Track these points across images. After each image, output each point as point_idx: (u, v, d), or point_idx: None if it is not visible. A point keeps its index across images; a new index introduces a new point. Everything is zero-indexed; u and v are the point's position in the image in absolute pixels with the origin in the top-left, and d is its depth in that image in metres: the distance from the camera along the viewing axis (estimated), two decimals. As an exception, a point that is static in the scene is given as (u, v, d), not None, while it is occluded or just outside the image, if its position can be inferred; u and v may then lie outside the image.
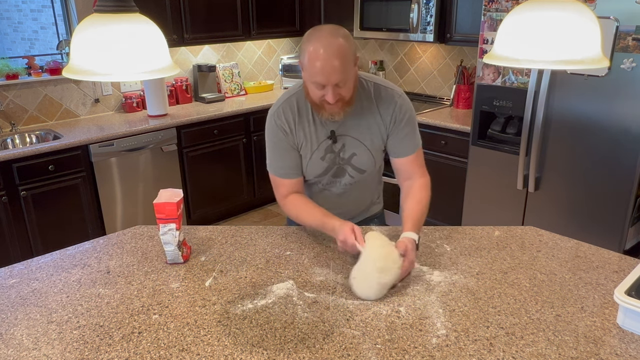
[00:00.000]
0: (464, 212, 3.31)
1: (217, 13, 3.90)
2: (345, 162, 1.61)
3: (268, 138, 1.60)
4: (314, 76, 1.38)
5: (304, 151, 1.59)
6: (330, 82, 1.37)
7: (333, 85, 1.38)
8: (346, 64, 1.36)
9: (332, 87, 1.38)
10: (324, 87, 1.39)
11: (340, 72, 1.36)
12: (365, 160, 1.61)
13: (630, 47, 2.39)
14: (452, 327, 1.20)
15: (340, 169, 1.63)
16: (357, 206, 1.77)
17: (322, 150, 1.58)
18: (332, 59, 1.34)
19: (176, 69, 1.14)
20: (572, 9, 1.14)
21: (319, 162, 1.60)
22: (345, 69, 1.37)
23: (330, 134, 1.56)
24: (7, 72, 3.31)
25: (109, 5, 1.05)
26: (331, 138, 1.57)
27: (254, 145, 4.08)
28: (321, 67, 1.35)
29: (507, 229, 1.71)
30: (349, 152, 1.59)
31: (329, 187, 1.68)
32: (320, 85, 1.39)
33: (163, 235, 1.44)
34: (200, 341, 1.16)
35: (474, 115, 3.11)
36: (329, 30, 1.38)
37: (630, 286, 1.20)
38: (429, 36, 3.55)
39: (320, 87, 1.40)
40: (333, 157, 1.60)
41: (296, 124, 1.56)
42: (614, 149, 2.56)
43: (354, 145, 1.59)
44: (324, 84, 1.38)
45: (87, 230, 3.28)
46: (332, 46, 1.34)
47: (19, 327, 1.22)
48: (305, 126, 1.56)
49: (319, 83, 1.38)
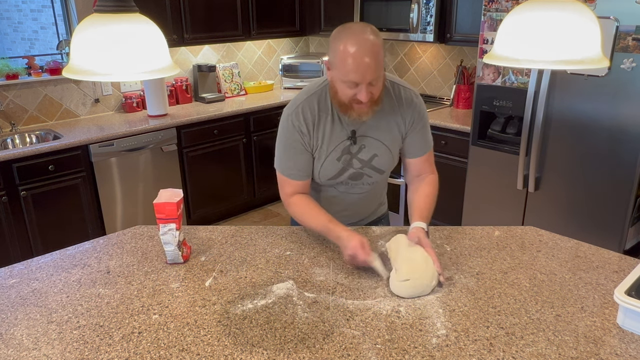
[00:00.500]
0: (464, 212, 3.31)
1: (217, 13, 3.90)
2: (365, 164, 1.58)
3: (281, 136, 1.56)
4: (347, 74, 1.35)
5: (320, 152, 1.56)
6: (365, 80, 1.34)
7: (367, 83, 1.35)
8: (379, 62, 1.35)
9: (366, 85, 1.35)
10: (356, 85, 1.36)
11: (374, 70, 1.34)
12: (385, 161, 1.60)
13: (630, 47, 2.39)
14: (452, 327, 1.20)
15: (358, 173, 1.60)
16: (368, 208, 1.77)
17: (339, 151, 1.55)
18: (366, 56, 1.32)
19: (176, 69, 1.14)
20: (572, 9, 1.14)
21: (334, 163, 1.57)
22: (378, 66, 1.35)
23: (351, 134, 1.53)
24: (7, 72, 3.31)
25: (109, 5, 1.05)
26: (351, 139, 1.54)
27: (254, 145, 4.08)
28: (356, 65, 1.32)
29: (507, 229, 1.71)
30: (369, 154, 1.57)
31: (348, 190, 1.66)
32: (353, 84, 1.36)
33: (163, 235, 1.44)
34: (200, 341, 1.16)
35: (474, 115, 3.11)
36: (361, 27, 1.35)
37: (630, 286, 1.20)
38: (429, 36, 3.55)
39: (353, 86, 1.36)
40: (349, 158, 1.57)
41: (315, 125, 1.52)
42: (614, 149, 2.56)
43: (375, 146, 1.56)
44: (358, 82, 1.35)
45: (87, 230, 3.28)
46: (366, 44, 1.32)
47: (19, 327, 1.22)
48: (324, 127, 1.53)
49: (352, 81, 1.35)
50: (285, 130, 1.55)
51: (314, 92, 1.54)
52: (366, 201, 1.73)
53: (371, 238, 1.63)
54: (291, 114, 1.54)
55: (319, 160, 1.57)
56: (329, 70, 1.43)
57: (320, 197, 1.70)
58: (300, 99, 1.55)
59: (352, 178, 1.62)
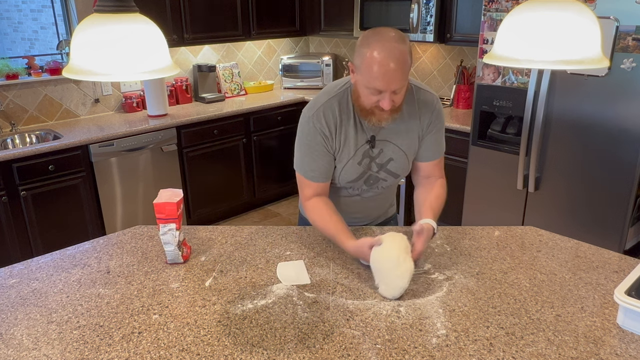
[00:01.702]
0: (464, 212, 3.31)
1: (217, 13, 3.90)
2: (381, 167, 1.58)
3: (302, 138, 1.54)
4: (372, 81, 1.33)
5: (342, 155, 1.54)
6: (390, 88, 1.33)
7: (391, 92, 1.34)
8: (405, 71, 1.33)
9: (390, 93, 1.34)
10: (380, 93, 1.35)
11: (400, 80, 1.33)
12: (401, 165, 1.60)
13: (630, 47, 2.39)
14: (452, 327, 1.20)
15: (374, 177, 1.61)
16: (379, 210, 1.77)
17: (360, 155, 1.55)
18: (393, 65, 1.30)
19: (176, 69, 1.14)
20: (572, 9, 1.14)
21: (355, 167, 1.56)
22: (404, 75, 1.33)
23: (370, 138, 1.53)
24: (7, 72, 3.31)
25: (109, 5, 1.05)
26: (370, 142, 1.53)
27: (254, 145, 4.08)
28: (382, 73, 1.30)
29: (507, 229, 1.71)
30: (385, 158, 1.57)
31: (363, 193, 1.66)
32: (377, 91, 1.34)
33: (163, 235, 1.44)
34: (200, 341, 1.16)
35: (474, 115, 3.11)
36: (392, 35, 1.33)
37: (630, 286, 1.20)
38: (429, 36, 3.55)
39: (376, 93, 1.35)
40: (369, 162, 1.57)
41: (337, 127, 1.50)
42: (614, 149, 2.56)
43: (392, 151, 1.56)
44: (382, 90, 1.34)
45: (87, 230, 3.28)
46: (394, 52, 1.30)
47: (19, 327, 1.22)
48: (346, 130, 1.51)
49: (376, 89, 1.34)
50: (306, 132, 1.53)
51: (334, 95, 1.52)
52: (378, 204, 1.73)
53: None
54: (312, 116, 1.51)
55: (340, 163, 1.56)
56: (352, 73, 1.42)
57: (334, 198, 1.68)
58: (321, 100, 1.52)
59: (369, 181, 1.62)
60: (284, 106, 4.17)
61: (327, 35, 4.52)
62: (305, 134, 1.53)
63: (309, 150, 1.53)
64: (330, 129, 1.50)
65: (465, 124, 3.28)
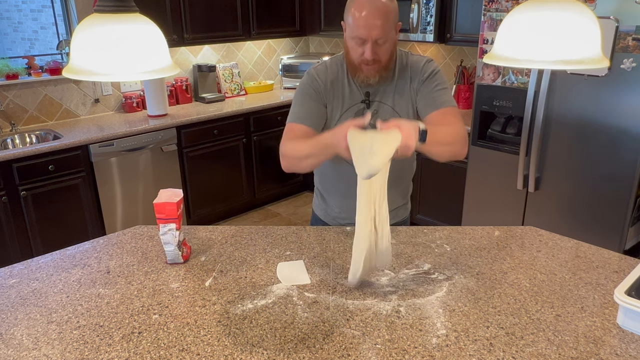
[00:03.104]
0: (464, 212, 3.31)
1: (217, 13, 3.90)
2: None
3: (298, 91, 1.63)
4: (355, 30, 1.43)
5: (334, 111, 1.61)
6: (371, 36, 1.41)
7: (373, 41, 1.42)
8: (388, 23, 1.42)
9: (372, 43, 1.42)
10: (363, 42, 1.43)
11: (381, 29, 1.41)
12: None
13: (630, 47, 2.39)
14: (452, 327, 1.20)
15: None
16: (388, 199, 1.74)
17: (353, 112, 1.61)
18: (375, 14, 1.40)
19: (176, 69, 1.14)
20: (572, 9, 1.14)
21: None
22: (386, 27, 1.42)
23: (365, 95, 1.59)
24: (7, 72, 3.31)
25: (109, 5, 1.05)
26: (365, 101, 1.59)
27: (254, 146, 4.08)
28: (364, 21, 1.40)
29: (507, 229, 1.71)
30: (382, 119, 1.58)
31: None
32: (360, 40, 1.43)
33: (163, 235, 1.44)
34: (200, 341, 1.16)
35: (474, 115, 3.11)
36: None
37: (630, 286, 1.20)
38: (429, 36, 3.55)
39: (360, 43, 1.44)
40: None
41: (332, 81, 1.60)
42: (614, 149, 2.56)
43: (387, 112, 1.60)
44: (364, 39, 1.42)
45: (87, 230, 3.28)
46: (377, 3, 1.41)
47: (19, 327, 1.22)
48: (339, 87, 1.60)
49: (359, 37, 1.43)
50: (303, 83, 1.64)
51: (335, 57, 1.65)
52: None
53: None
54: (310, 71, 1.64)
55: (334, 119, 1.62)
56: (344, 32, 1.51)
57: (331, 182, 1.74)
58: (322, 62, 1.65)
59: None
60: (284, 106, 4.17)
61: (327, 35, 4.52)
62: (300, 86, 1.64)
63: (301, 98, 1.63)
64: (321, 78, 1.60)
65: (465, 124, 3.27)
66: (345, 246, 1.58)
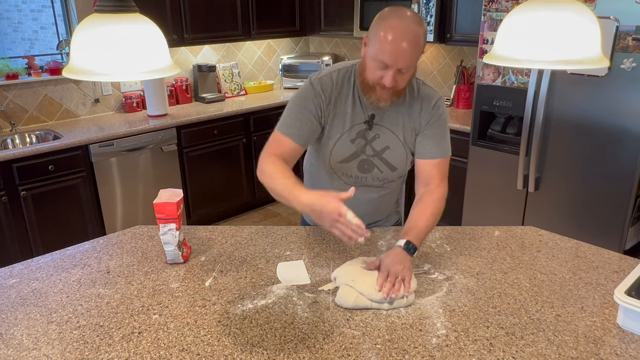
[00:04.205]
0: (464, 212, 3.31)
1: (217, 13, 3.90)
2: (377, 154, 1.56)
3: (295, 99, 1.54)
4: (380, 53, 1.34)
5: (334, 130, 1.53)
6: (397, 65, 1.34)
7: (396, 69, 1.35)
8: (416, 52, 1.35)
9: (395, 70, 1.35)
10: (386, 67, 1.35)
11: (408, 59, 1.34)
12: (398, 157, 1.57)
13: (630, 47, 2.39)
14: (452, 327, 1.20)
15: (369, 162, 1.57)
16: (379, 212, 1.73)
17: (354, 133, 1.54)
18: (405, 41, 1.31)
19: (176, 69, 1.14)
20: (572, 9, 1.14)
21: (348, 145, 1.55)
22: (414, 57, 1.35)
23: (369, 117, 1.52)
24: (7, 72, 3.31)
25: (109, 5, 1.05)
26: (368, 123, 1.53)
27: (254, 146, 4.08)
28: (393, 47, 1.31)
29: (507, 229, 1.71)
30: (382, 145, 1.55)
31: (357, 183, 1.61)
32: (383, 64, 1.35)
33: (163, 235, 1.44)
34: (200, 341, 1.16)
35: (474, 115, 3.11)
36: (412, 15, 1.35)
37: (630, 286, 1.20)
38: (429, 36, 3.55)
39: (382, 67, 1.36)
40: (363, 143, 1.55)
41: (335, 96, 1.51)
42: (614, 149, 2.56)
43: (388, 138, 1.55)
44: (388, 65, 1.34)
45: (87, 230, 3.28)
46: (409, 30, 1.32)
47: (19, 327, 1.22)
48: (342, 104, 1.52)
49: (383, 62, 1.35)
50: (302, 93, 1.53)
51: (342, 68, 1.55)
52: (378, 205, 1.68)
53: (371, 238, 1.63)
54: (314, 79, 1.53)
55: (333, 138, 1.55)
56: (364, 47, 1.42)
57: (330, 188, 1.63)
58: (327, 70, 1.55)
59: (362, 167, 1.58)
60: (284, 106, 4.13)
61: (327, 35, 4.52)
62: (300, 95, 1.54)
63: (297, 109, 1.52)
64: (326, 94, 1.51)
65: (465, 124, 3.28)
66: (345, 246, 1.58)
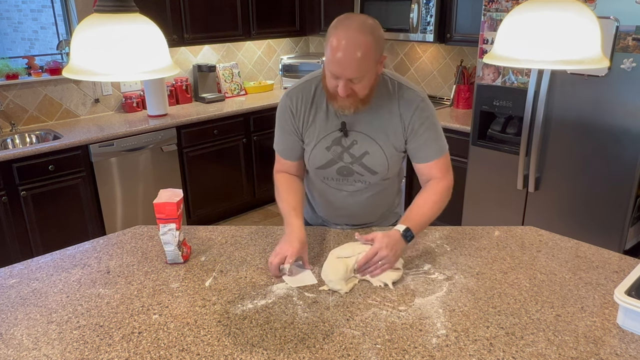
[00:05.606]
0: (464, 212, 3.31)
1: (217, 13, 3.90)
2: (356, 160, 1.56)
3: (277, 116, 1.62)
4: (329, 65, 1.36)
5: (309, 138, 1.57)
6: (344, 75, 1.34)
7: (346, 79, 1.35)
8: (365, 62, 1.33)
9: (345, 80, 1.35)
10: (337, 78, 1.37)
11: (356, 69, 1.33)
12: (377, 161, 1.56)
13: (630, 47, 2.39)
14: (452, 327, 1.20)
15: (348, 168, 1.58)
16: (372, 213, 1.72)
17: (330, 140, 1.55)
18: (351, 53, 1.31)
19: (176, 69, 1.14)
20: (572, 9, 1.14)
21: (323, 152, 1.56)
22: (362, 67, 1.33)
23: (342, 125, 1.52)
24: (7, 72, 3.31)
25: (109, 5, 1.05)
26: (342, 130, 1.53)
27: (254, 145, 4.08)
28: (339, 58, 1.32)
29: (507, 229, 1.71)
30: (360, 150, 1.55)
31: (340, 186, 1.63)
32: (334, 75, 1.37)
33: (163, 235, 1.44)
34: (200, 341, 1.16)
35: (474, 115, 3.11)
36: (359, 23, 1.33)
37: (630, 286, 1.20)
38: (429, 36, 3.55)
39: (335, 77, 1.37)
40: (340, 151, 1.55)
41: (306, 108, 1.55)
42: (614, 149, 2.56)
43: (366, 144, 1.54)
44: (338, 76, 1.36)
45: (87, 230, 3.28)
46: (356, 41, 1.30)
47: (19, 327, 1.22)
48: (316, 113, 1.55)
49: (333, 73, 1.37)
50: (279, 109, 1.61)
51: (313, 78, 1.57)
52: (368, 205, 1.68)
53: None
54: (286, 95, 1.59)
55: (309, 145, 1.59)
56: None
57: (315, 190, 1.71)
58: (300, 82, 1.59)
59: (342, 173, 1.59)
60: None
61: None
62: (278, 112, 1.62)
63: (279, 128, 1.62)
64: (298, 107, 1.56)
65: (465, 124, 3.28)
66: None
